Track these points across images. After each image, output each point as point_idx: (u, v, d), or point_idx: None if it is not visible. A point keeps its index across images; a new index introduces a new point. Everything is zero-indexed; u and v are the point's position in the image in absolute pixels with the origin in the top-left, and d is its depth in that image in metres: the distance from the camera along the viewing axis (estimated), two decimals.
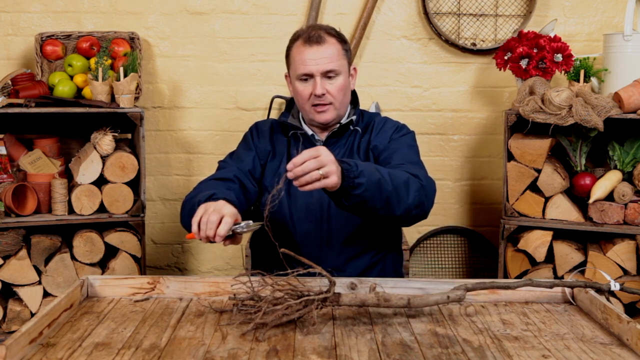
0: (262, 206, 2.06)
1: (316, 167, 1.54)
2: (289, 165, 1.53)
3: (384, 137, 2.05)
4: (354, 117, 2.06)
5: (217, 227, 1.60)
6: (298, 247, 1.98)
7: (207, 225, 1.60)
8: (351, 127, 2.07)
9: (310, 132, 2.05)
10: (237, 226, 1.63)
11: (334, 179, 1.57)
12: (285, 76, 2.08)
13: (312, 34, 1.96)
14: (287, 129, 2.08)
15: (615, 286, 1.63)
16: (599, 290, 1.66)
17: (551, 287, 1.70)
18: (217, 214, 1.61)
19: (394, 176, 1.74)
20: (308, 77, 1.96)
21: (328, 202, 1.98)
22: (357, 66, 3.12)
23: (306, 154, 1.55)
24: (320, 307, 1.52)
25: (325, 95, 1.96)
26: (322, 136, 2.06)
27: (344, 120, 2.06)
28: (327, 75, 1.95)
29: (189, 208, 1.80)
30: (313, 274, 1.60)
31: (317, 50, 1.94)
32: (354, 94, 2.13)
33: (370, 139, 2.05)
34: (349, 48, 2.03)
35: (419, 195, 1.80)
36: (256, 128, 2.14)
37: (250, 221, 1.65)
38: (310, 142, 2.04)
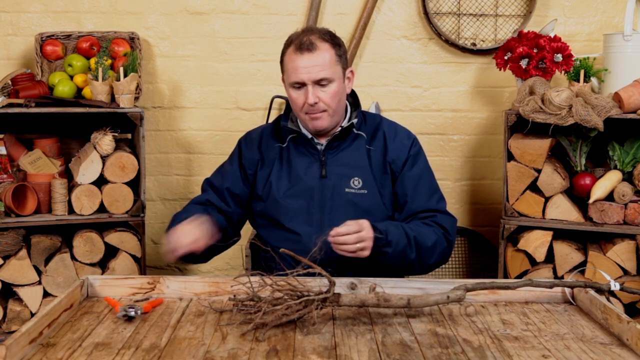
0: (256, 211, 2.06)
1: (355, 241, 1.76)
2: (333, 232, 1.74)
3: (401, 151, 2.04)
4: (355, 120, 2.03)
5: None
6: (299, 249, 1.97)
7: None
8: (354, 131, 2.05)
9: (309, 136, 2.04)
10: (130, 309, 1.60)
11: (366, 253, 1.80)
12: (282, 80, 2.07)
13: (304, 40, 1.92)
14: (283, 134, 2.07)
15: (615, 286, 1.63)
16: (599, 290, 1.66)
17: (551, 287, 1.70)
18: None
19: (421, 241, 1.91)
20: (300, 85, 1.94)
21: (330, 205, 1.98)
22: (357, 66, 3.13)
23: (352, 228, 1.75)
24: (320, 308, 1.52)
25: (318, 103, 1.94)
26: (322, 140, 2.05)
27: (345, 124, 2.05)
28: (320, 83, 1.93)
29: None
30: (313, 274, 1.60)
31: (308, 58, 1.91)
32: (355, 96, 2.12)
33: (386, 151, 2.03)
34: (343, 52, 1.99)
35: (443, 255, 1.99)
36: (245, 139, 2.14)
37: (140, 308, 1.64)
38: (310, 146, 2.03)
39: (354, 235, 1.74)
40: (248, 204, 2.10)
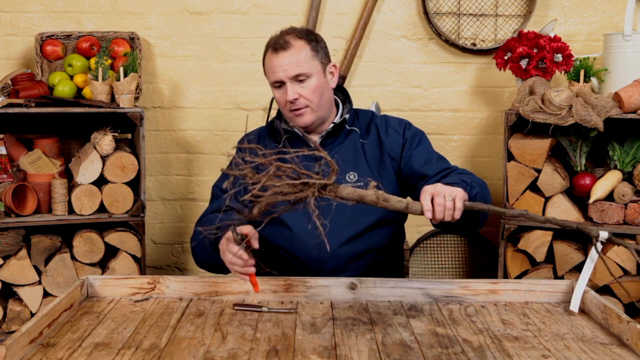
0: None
1: (445, 200, 1.57)
2: (427, 215, 1.57)
3: (396, 138, 2.04)
4: (347, 116, 2.05)
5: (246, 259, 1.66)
6: (298, 247, 1.98)
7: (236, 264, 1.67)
8: (347, 127, 2.06)
9: (300, 133, 2.05)
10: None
11: (461, 194, 1.59)
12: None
13: (279, 41, 1.97)
14: (278, 134, 2.08)
15: (604, 235, 1.58)
16: (589, 238, 1.59)
17: (544, 222, 1.64)
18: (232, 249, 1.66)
19: (474, 179, 1.83)
20: (280, 83, 1.98)
21: (327, 205, 1.97)
22: (357, 66, 3.13)
23: (427, 196, 1.57)
24: (319, 195, 1.47)
25: (299, 99, 1.96)
26: (314, 137, 2.06)
27: (337, 120, 2.06)
28: (298, 79, 1.96)
29: (202, 248, 1.87)
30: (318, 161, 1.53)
31: (283, 56, 1.95)
32: (345, 92, 2.13)
33: (381, 143, 2.04)
34: (321, 47, 2.01)
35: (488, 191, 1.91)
36: (243, 142, 2.14)
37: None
38: (304, 143, 2.03)
39: (438, 197, 1.58)
40: None
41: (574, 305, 1.63)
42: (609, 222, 2.56)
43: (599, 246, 1.56)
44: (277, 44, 1.97)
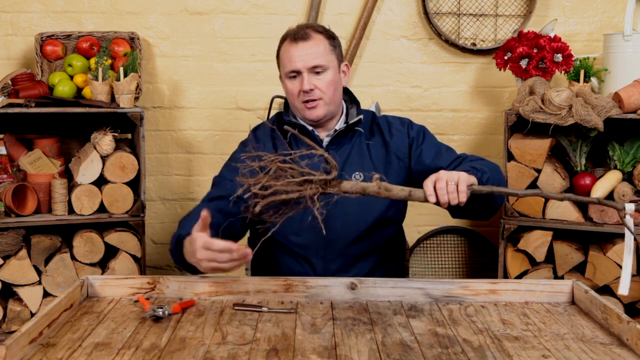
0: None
1: (445, 183, 1.60)
2: (431, 199, 1.60)
3: (401, 138, 2.05)
4: (362, 116, 2.05)
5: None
6: (302, 249, 1.97)
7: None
8: (355, 128, 2.06)
9: (310, 128, 2.04)
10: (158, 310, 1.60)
11: (464, 177, 1.61)
12: (280, 77, 2.08)
13: (298, 32, 1.99)
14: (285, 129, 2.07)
15: (630, 208, 1.57)
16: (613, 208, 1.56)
17: (562, 200, 1.64)
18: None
19: (484, 163, 1.85)
20: (296, 73, 1.98)
21: (333, 202, 1.97)
22: (357, 66, 3.14)
23: (430, 182, 1.60)
24: (321, 192, 1.47)
25: (314, 90, 1.97)
26: (321, 134, 2.06)
27: (342, 120, 2.06)
28: (315, 70, 1.97)
29: (174, 244, 1.81)
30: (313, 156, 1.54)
31: (302, 46, 1.96)
32: (350, 93, 2.13)
33: (386, 143, 2.04)
34: (337, 44, 2.04)
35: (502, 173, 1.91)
36: (254, 134, 2.12)
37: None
38: (311, 138, 2.03)
39: (440, 181, 1.61)
40: None
41: (624, 288, 1.58)
42: (609, 222, 2.56)
43: (629, 220, 1.55)
44: (297, 35, 1.98)
